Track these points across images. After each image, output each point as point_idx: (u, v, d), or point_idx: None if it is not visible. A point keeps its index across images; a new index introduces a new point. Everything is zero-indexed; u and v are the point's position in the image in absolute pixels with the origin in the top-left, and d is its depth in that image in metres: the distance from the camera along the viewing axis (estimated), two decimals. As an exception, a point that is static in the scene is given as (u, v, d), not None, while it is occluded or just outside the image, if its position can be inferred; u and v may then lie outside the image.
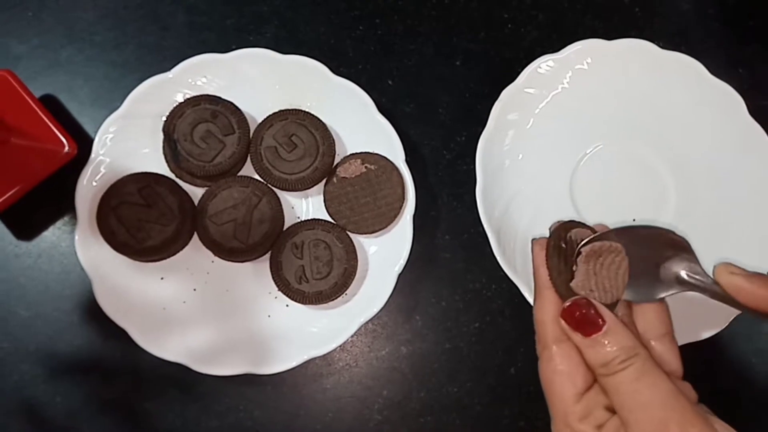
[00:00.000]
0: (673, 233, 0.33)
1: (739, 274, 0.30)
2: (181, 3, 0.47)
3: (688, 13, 0.49)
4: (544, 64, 0.44)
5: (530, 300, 0.41)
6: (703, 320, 0.41)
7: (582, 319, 0.29)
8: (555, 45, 0.44)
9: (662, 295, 0.32)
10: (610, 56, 0.45)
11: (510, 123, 0.44)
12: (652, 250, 0.33)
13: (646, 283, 0.32)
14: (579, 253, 0.32)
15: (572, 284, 0.31)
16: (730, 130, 0.44)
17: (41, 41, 0.46)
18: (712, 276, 0.31)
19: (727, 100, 0.44)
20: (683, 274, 0.32)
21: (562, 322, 0.30)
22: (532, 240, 0.33)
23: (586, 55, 0.45)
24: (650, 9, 0.49)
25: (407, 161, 0.42)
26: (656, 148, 0.45)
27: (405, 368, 0.44)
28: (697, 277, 0.32)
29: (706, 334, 0.41)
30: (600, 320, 0.29)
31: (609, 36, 0.46)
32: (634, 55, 0.45)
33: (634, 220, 0.45)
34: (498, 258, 0.41)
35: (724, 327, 0.42)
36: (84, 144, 0.41)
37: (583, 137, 0.45)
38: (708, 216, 0.44)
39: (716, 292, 0.31)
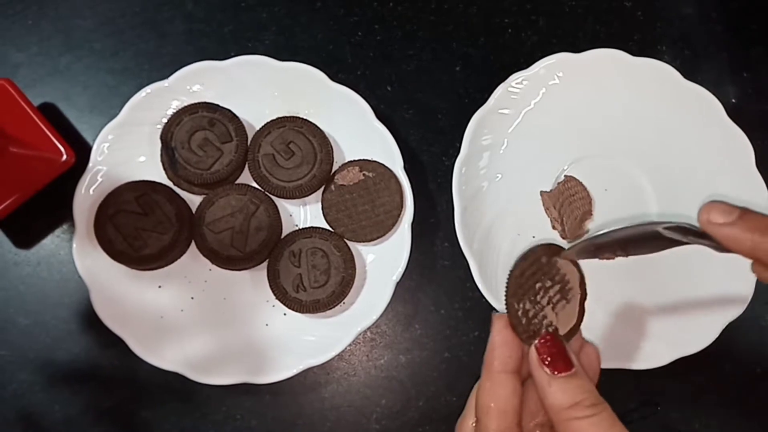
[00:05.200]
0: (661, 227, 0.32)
1: (724, 224, 0.29)
2: (180, 10, 0.47)
3: (690, 17, 0.48)
4: (515, 81, 0.43)
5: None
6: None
7: (555, 356, 0.28)
8: (555, 50, 0.44)
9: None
10: (582, 68, 0.43)
11: (484, 146, 0.43)
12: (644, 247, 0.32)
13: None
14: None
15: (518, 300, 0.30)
16: (709, 134, 0.43)
17: (40, 49, 0.46)
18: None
19: (705, 103, 0.43)
20: (667, 233, 0.31)
21: (534, 354, 0.28)
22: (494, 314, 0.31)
23: (557, 69, 0.44)
24: (652, 13, 0.48)
25: (406, 168, 0.42)
26: (634, 158, 0.44)
27: (403, 377, 0.43)
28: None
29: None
30: (570, 361, 0.28)
31: (611, 41, 0.45)
32: (607, 65, 0.43)
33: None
34: (479, 285, 0.40)
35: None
36: (82, 152, 0.41)
37: (560, 152, 0.44)
38: (691, 222, 0.44)
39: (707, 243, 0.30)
